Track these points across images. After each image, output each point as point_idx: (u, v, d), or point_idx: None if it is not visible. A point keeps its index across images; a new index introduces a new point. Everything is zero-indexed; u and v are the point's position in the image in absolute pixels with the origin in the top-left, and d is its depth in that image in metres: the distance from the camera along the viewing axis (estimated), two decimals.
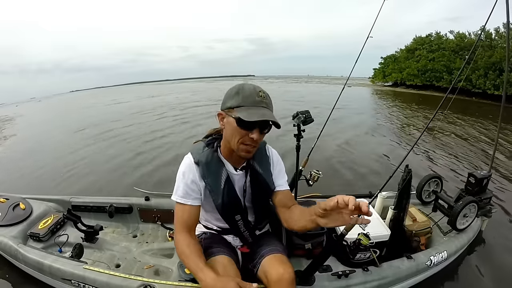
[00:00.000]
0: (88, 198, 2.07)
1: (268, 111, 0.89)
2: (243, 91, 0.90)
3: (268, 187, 1.08)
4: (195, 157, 1.00)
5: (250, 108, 0.87)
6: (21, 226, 1.72)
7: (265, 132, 0.93)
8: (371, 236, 1.31)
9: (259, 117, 0.85)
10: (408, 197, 1.54)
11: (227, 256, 1.06)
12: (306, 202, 1.77)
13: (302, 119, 1.58)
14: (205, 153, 1.01)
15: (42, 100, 30.89)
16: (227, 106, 0.91)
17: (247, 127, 0.88)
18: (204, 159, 0.99)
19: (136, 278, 1.25)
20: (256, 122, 0.86)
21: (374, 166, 3.88)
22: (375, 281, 1.31)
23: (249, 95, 0.89)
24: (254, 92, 0.89)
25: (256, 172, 1.07)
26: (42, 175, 3.94)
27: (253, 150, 0.94)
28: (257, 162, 1.07)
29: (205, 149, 1.02)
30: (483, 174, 1.84)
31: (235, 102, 0.89)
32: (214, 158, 1.01)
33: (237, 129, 0.89)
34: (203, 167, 0.99)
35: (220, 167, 1.02)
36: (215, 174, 1.01)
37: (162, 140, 5.65)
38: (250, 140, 0.90)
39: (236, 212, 1.09)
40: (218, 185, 1.01)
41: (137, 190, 2.28)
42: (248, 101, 0.88)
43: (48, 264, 1.40)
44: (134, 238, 1.90)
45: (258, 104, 0.88)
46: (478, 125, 6.97)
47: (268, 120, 0.88)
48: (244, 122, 0.86)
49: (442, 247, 1.56)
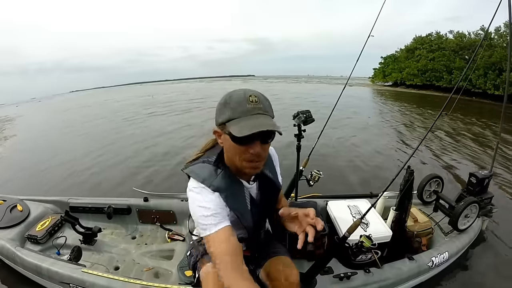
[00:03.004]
0: (86, 199, 2.05)
1: (264, 118, 0.75)
2: (231, 100, 0.75)
3: (277, 188, 1.03)
4: (211, 185, 0.83)
5: (242, 120, 0.73)
6: (19, 228, 1.70)
7: (269, 141, 0.80)
8: (373, 237, 1.30)
9: (251, 130, 0.70)
10: (410, 198, 1.52)
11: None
12: (307, 202, 1.76)
13: (303, 119, 1.57)
14: (219, 177, 0.84)
15: (43, 100, 30.74)
16: (219, 122, 0.78)
17: (245, 142, 0.75)
18: (224, 184, 0.84)
19: (136, 281, 1.24)
20: (253, 134, 0.71)
21: (374, 166, 3.87)
22: (376, 283, 1.30)
23: (238, 105, 0.74)
24: (244, 99, 0.74)
25: (267, 178, 0.98)
26: (40, 175, 3.92)
27: (260, 165, 0.82)
28: (266, 167, 0.96)
29: (218, 171, 0.85)
30: (484, 174, 1.83)
31: (225, 116, 0.76)
32: (232, 181, 0.87)
33: (234, 146, 0.77)
34: (227, 195, 0.84)
35: (240, 188, 0.90)
36: (240, 198, 0.89)
37: (163, 138, 5.67)
38: (252, 156, 0.77)
39: (261, 227, 1.09)
40: (245, 208, 0.90)
41: (135, 191, 2.27)
42: (238, 111, 0.74)
43: (46, 267, 1.38)
44: (133, 240, 1.89)
45: (251, 112, 0.73)
46: (478, 125, 6.97)
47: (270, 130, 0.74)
48: (239, 138, 0.72)
49: (443, 247, 1.55)
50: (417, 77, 20.93)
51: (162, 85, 55.30)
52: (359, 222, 1.16)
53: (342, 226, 1.49)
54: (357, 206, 1.71)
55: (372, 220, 1.54)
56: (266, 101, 0.79)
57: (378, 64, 28.20)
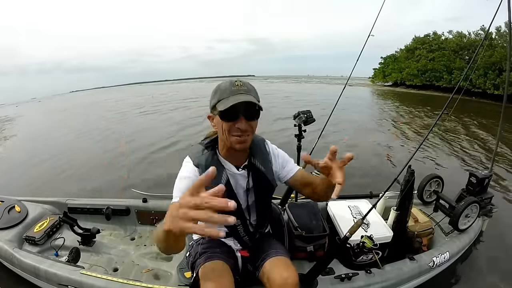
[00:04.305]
0: (85, 200, 2.04)
1: (245, 96, 0.87)
2: (220, 87, 0.91)
3: (270, 184, 1.08)
4: (194, 160, 0.99)
5: (228, 99, 0.87)
6: (17, 229, 1.69)
7: (255, 119, 0.92)
8: (374, 237, 1.29)
9: (232, 102, 0.84)
10: (411, 199, 1.52)
11: (222, 261, 1.04)
12: (307, 202, 1.75)
13: (304, 119, 1.56)
14: (204, 155, 1.00)
15: (43, 100, 30.62)
16: (211, 106, 0.93)
17: (231, 118, 0.88)
18: (204, 161, 0.99)
19: (135, 283, 1.22)
20: (239, 111, 0.86)
21: (374, 166, 3.86)
22: (378, 283, 1.29)
23: (225, 89, 0.89)
24: (230, 83, 0.90)
25: (258, 170, 1.06)
26: (39, 176, 3.90)
27: (245, 139, 0.92)
28: (258, 159, 1.06)
29: (204, 151, 1.02)
30: (484, 174, 1.83)
31: (215, 100, 0.90)
32: (214, 160, 1.00)
33: (223, 123, 0.89)
34: (203, 170, 0.97)
35: (220, 170, 1.00)
36: (216, 177, 0.97)
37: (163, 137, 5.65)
38: (238, 130, 0.89)
39: (236, 216, 1.06)
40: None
41: (134, 192, 2.25)
42: (225, 93, 0.88)
43: (44, 269, 1.37)
44: (132, 241, 1.87)
45: (235, 93, 0.87)
46: (478, 125, 6.98)
47: (252, 107, 0.87)
48: (225, 113, 0.86)
49: (444, 247, 1.55)
50: (417, 77, 20.96)
51: (162, 85, 55.23)
52: (361, 223, 1.15)
53: (343, 226, 1.48)
54: (358, 206, 1.70)
55: (373, 221, 1.53)
56: (250, 85, 0.92)
57: (378, 64, 28.24)
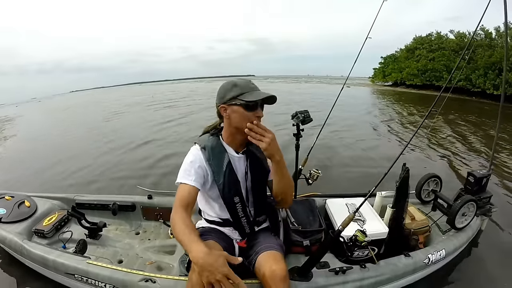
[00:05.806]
0: (92, 196, 2.11)
1: (263, 92, 1.06)
2: (239, 83, 1.06)
3: (265, 170, 1.20)
4: (201, 144, 1.14)
5: (252, 92, 1.03)
6: (26, 223, 1.76)
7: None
8: (369, 233, 1.32)
9: (264, 95, 1.03)
10: (406, 196, 1.54)
11: (214, 241, 1.12)
12: (306, 200, 1.79)
13: (301, 118, 1.60)
14: (210, 140, 1.15)
15: (43, 100, 30.55)
16: (228, 98, 1.05)
17: (253, 109, 1.03)
18: (210, 144, 1.14)
19: (138, 272, 1.28)
20: (258, 102, 1.03)
21: (373, 165, 3.87)
22: (372, 277, 1.32)
23: (245, 85, 1.05)
24: (248, 81, 1.08)
25: (255, 156, 1.18)
26: (45, 174, 3.98)
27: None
28: (255, 147, 1.16)
29: (210, 137, 1.17)
30: (482, 173, 1.84)
31: (235, 93, 1.03)
32: (218, 144, 1.15)
33: (244, 113, 1.03)
34: (208, 151, 1.12)
35: (223, 152, 1.14)
36: (218, 157, 1.13)
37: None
38: (257, 118, 1.03)
39: (236, 194, 1.16)
40: (221, 167, 1.13)
41: (140, 189, 2.32)
42: (248, 87, 1.04)
43: (52, 259, 1.43)
44: (136, 235, 1.93)
45: (255, 89, 1.06)
46: (477, 124, 6.93)
47: (263, 99, 1.04)
48: (251, 104, 1.01)
49: (440, 245, 1.57)
50: (417, 77, 20.62)
51: (161, 85, 55.40)
52: (353, 216, 1.19)
53: (338, 221, 1.51)
54: (355, 204, 1.73)
55: (368, 217, 1.56)
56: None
57: (378, 64, 27.90)
